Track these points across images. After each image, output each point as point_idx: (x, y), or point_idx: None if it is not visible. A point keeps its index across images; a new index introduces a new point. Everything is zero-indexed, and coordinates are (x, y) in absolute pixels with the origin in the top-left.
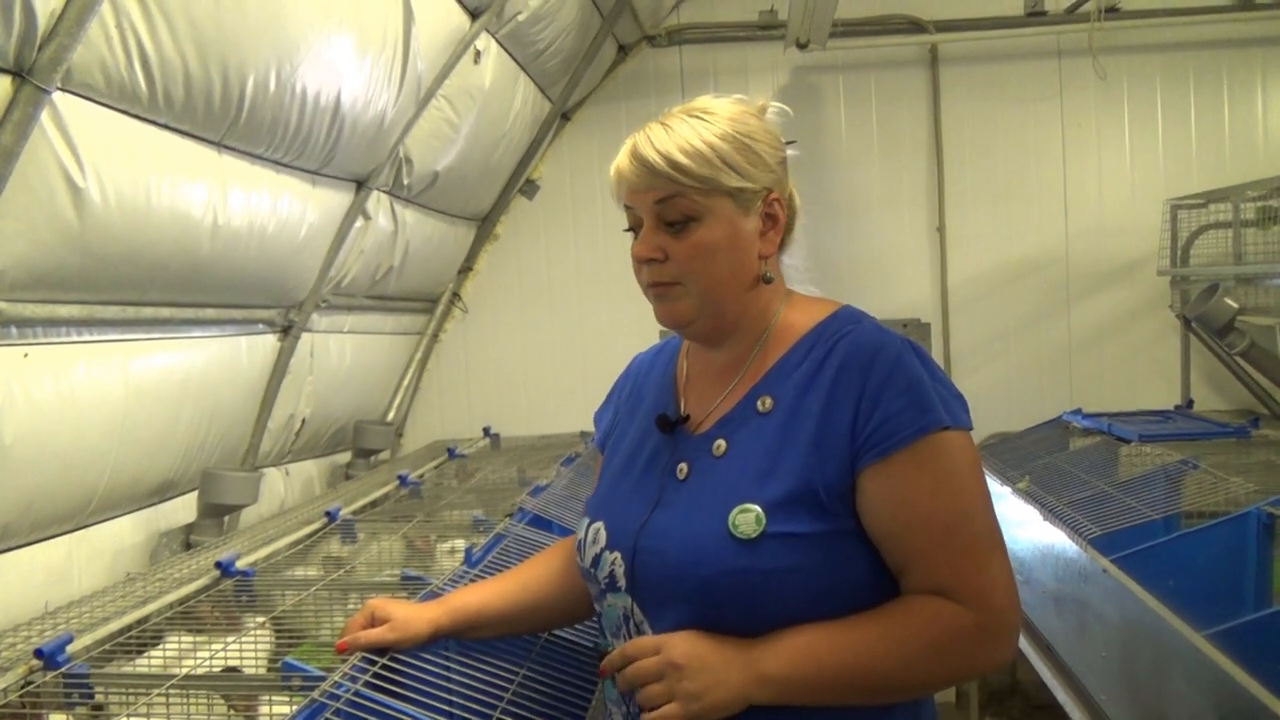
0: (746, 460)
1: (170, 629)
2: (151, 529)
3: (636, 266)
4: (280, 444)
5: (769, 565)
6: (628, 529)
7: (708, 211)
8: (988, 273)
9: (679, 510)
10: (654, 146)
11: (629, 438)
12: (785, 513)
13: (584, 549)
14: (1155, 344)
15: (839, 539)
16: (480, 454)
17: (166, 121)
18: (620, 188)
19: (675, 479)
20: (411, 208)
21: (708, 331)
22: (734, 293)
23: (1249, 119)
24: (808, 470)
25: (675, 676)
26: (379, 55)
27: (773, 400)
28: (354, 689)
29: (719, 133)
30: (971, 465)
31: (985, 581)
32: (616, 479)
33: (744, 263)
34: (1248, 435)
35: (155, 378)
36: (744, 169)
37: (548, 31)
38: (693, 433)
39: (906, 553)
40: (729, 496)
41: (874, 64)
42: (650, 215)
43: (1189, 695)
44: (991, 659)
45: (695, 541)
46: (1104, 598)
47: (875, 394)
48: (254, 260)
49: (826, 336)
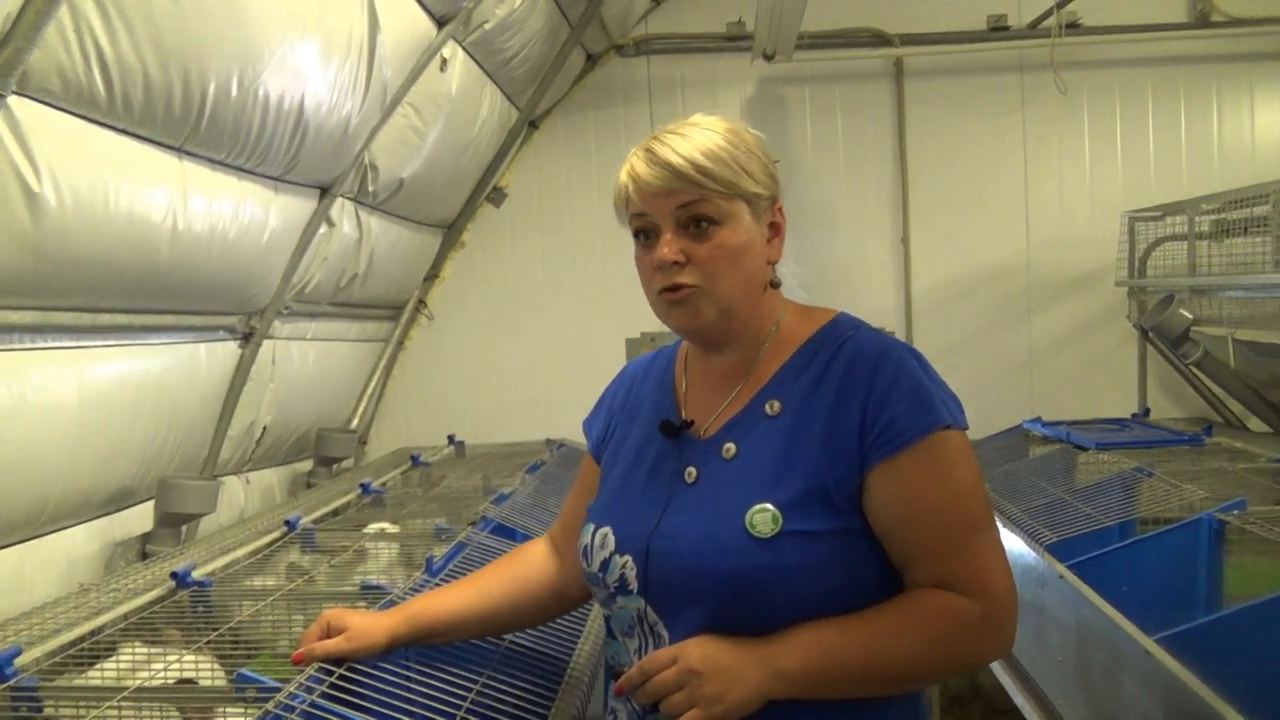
0: (758, 462)
1: (124, 640)
2: (106, 538)
3: (650, 273)
4: (240, 452)
5: (786, 563)
6: (638, 532)
7: (728, 216)
8: (951, 283)
9: (691, 512)
10: (675, 151)
11: (629, 445)
12: (800, 511)
13: (591, 554)
14: (1113, 353)
15: (850, 537)
16: (444, 462)
17: (125, 126)
18: (635, 194)
19: (683, 483)
20: (377, 215)
21: (719, 335)
22: (749, 297)
23: (1205, 134)
24: (819, 470)
25: (695, 682)
26: (344, 62)
27: (780, 404)
28: (310, 700)
29: (732, 141)
30: (971, 462)
31: (988, 574)
32: (620, 485)
33: (758, 267)
34: (1201, 443)
35: (111, 385)
36: (758, 176)
37: (515, 40)
38: (698, 437)
39: (913, 547)
40: (743, 497)
41: (840, 76)
42: (670, 220)
43: (1142, 699)
44: (995, 648)
45: (712, 541)
46: (1061, 603)
47: (882, 396)
48: (214, 266)
49: (829, 342)
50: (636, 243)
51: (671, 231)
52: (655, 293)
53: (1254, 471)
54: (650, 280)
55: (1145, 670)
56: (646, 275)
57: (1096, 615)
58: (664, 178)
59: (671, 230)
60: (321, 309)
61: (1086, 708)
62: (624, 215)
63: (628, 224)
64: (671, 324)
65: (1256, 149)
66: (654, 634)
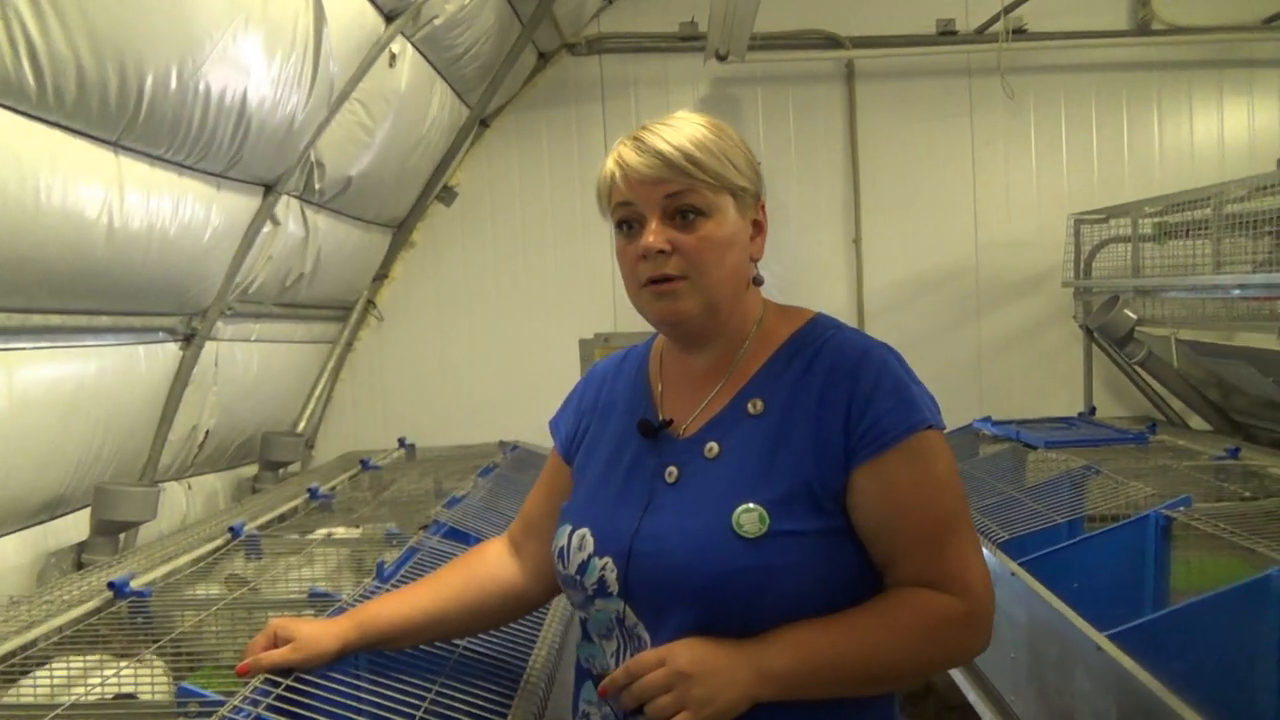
0: (742, 462)
1: (59, 654)
2: (39, 548)
3: (633, 263)
4: (182, 457)
5: (774, 563)
6: (619, 533)
7: (715, 208)
8: (902, 284)
9: (674, 512)
10: (665, 140)
11: (604, 444)
12: (787, 511)
13: (567, 556)
14: (1060, 353)
15: (834, 536)
16: (395, 465)
17: (57, 119)
18: (622, 181)
19: (664, 482)
20: (324, 213)
21: (701, 330)
22: (733, 291)
23: (1146, 138)
24: (804, 470)
25: (684, 685)
26: (288, 55)
27: (763, 403)
28: (255, 713)
29: (719, 134)
30: (951, 461)
31: (969, 572)
32: (597, 485)
33: (742, 263)
34: (1146, 441)
35: (44, 389)
36: (744, 170)
37: (465, 36)
38: (678, 436)
39: (896, 546)
40: (728, 497)
41: (792, 77)
42: (657, 209)
43: (1093, 694)
44: (977, 645)
45: (697, 542)
46: (1013, 600)
47: (866, 395)
48: (153, 266)
49: (810, 341)
50: (619, 234)
51: (658, 221)
52: (639, 284)
53: (1197, 469)
54: (633, 271)
55: (1096, 665)
56: (630, 266)
57: (1048, 612)
58: (653, 166)
59: (658, 220)
60: (266, 310)
61: (1038, 703)
62: (607, 206)
63: (610, 215)
64: (654, 316)
65: (1195, 154)
66: (634, 636)
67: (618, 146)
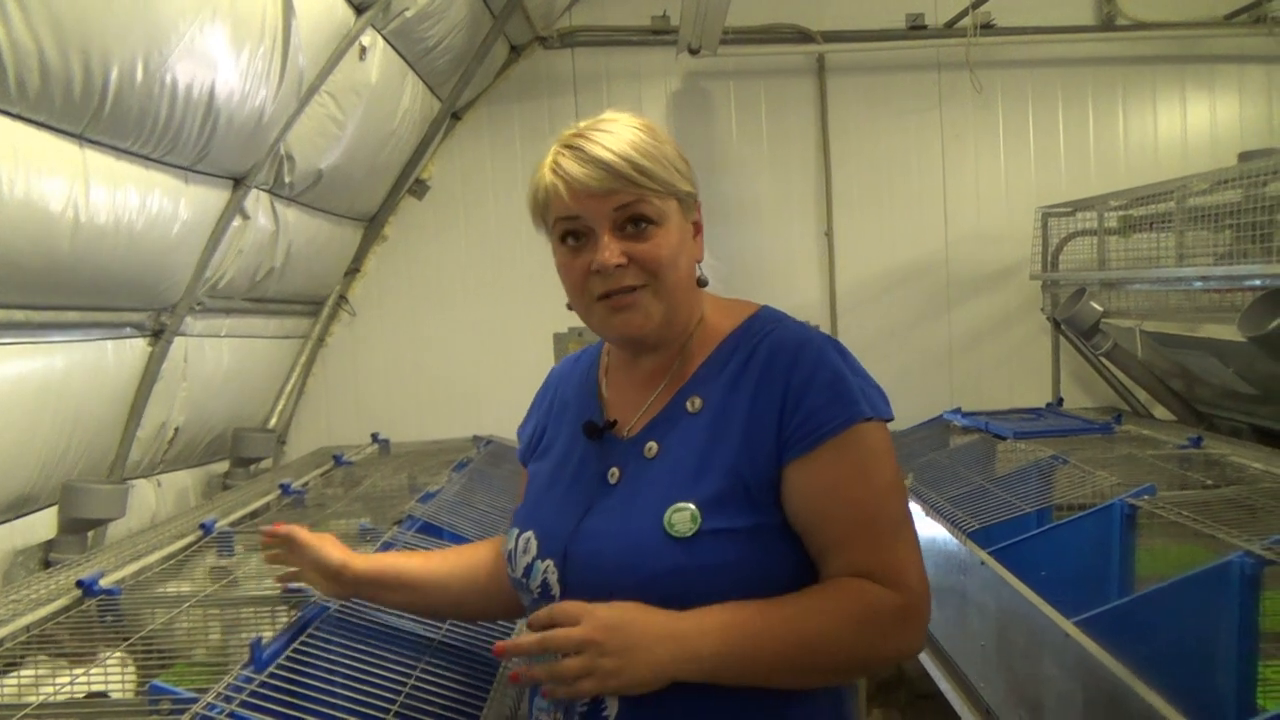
0: (678, 460)
1: (27, 654)
2: (5, 546)
3: (582, 278)
4: (151, 454)
5: (706, 562)
6: (559, 536)
7: (664, 215)
8: (873, 277)
9: (612, 514)
10: (608, 149)
11: (556, 448)
12: (719, 509)
13: (515, 559)
14: (1028, 345)
15: (769, 532)
16: (368, 461)
17: (19, 111)
18: (567, 194)
19: (606, 484)
20: (294, 207)
21: (659, 339)
22: (686, 296)
23: (1111, 133)
24: (738, 465)
25: (594, 650)
26: (256, 47)
27: (701, 400)
28: (228, 710)
29: (657, 137)
30: (888, 454)
31: (904, 564)
32: (545, 489)
33: (691, 266)
34: (1111, 431)
35: (8, 385)
36: (686, 174)
37: (437, 29)
38: (622, 437)
39: (829, 538)
40: (663, 497)
41: (764, 71)
42: (606, 221)
43: (1059, 679)
44: (909, 641)
45: (631, 543)
46: (982, 588)
47: (800, 389)
48: (120, 260)
49: (750, 336)
50: (561, 247)
51: (609, 234)
52: (592, 299)
53: (1161, 458)
54: (583, 286)
55: (1064, 652)
56: (577, 281)
57: (1017, 599)
58: (600, 178)
59: (609, 233)
60: (236, 304)
61: (1007, 689)
62: (544, 217)
63: (546, 227)
64: (613, 333)
65: (1159, 148)
66: None
67: (553, 156)
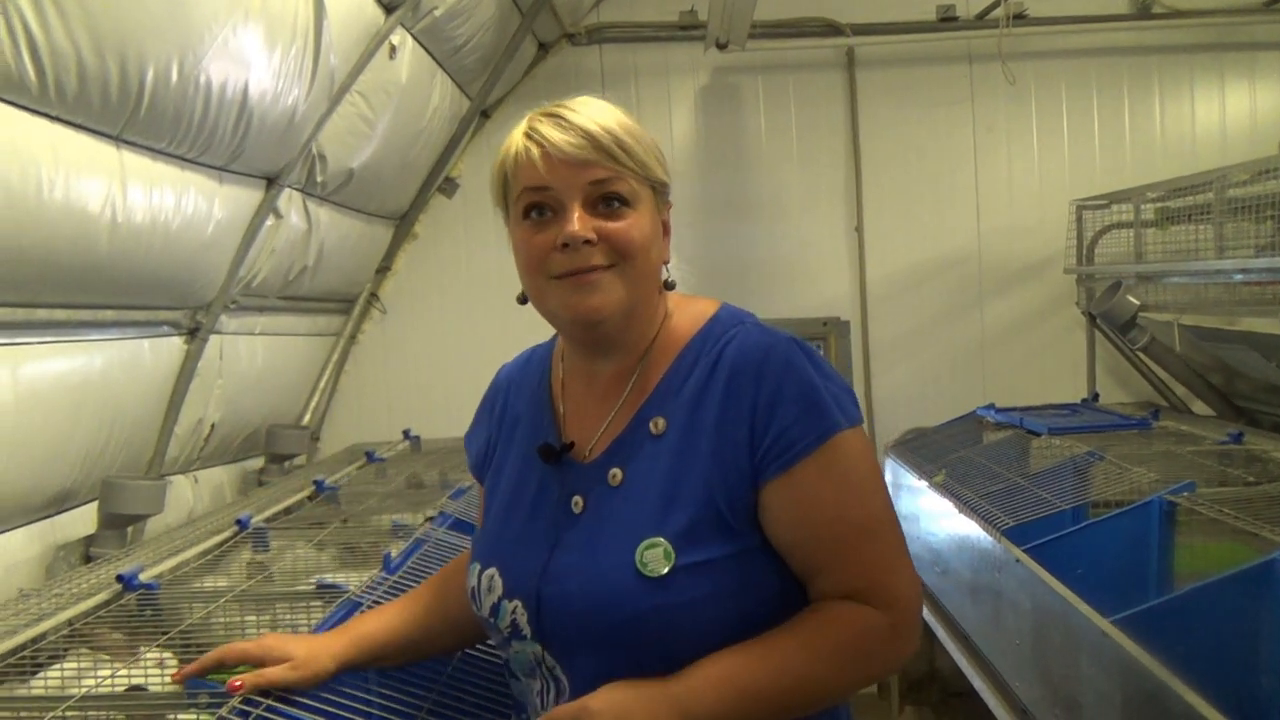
0: (646, 489)
1: (70, 647)
2: (48, 542)
3: (543, 254)
4: (188, 450)
5: (684, 599)
6: (526, 574)
7: (639, 199)
8: (904, 271)
9: (580, 550)
10: (593, 119)
11: (510, 467)
12: (693, 540)
13: (479, 598)
14: (1063, 340)
15: (748, 557)
16: (400, 457)
17: (59, 114)
18: (540, 161)
19: (570, 513)
20: (326, 206)
21: (614, 331)
22: (649, 291)
23: (1147, 123)
24: (709, 491)
25: None
26: (289, 48)
27: (665, 421)
28: (265, 704)
29: (637, 124)
30: (870, 464)
31: (895, 580)
32: (504, 517)
33: (658, 263)
34: (1149, 427)
35: (49, 383)
36: (663, 164)
37: (465, 27)
38: (582, 461)
39: (815, 559)
40: (632, 531)
41: (792, 66)
42: (579, 194)
43: (1096, 679)
44: (902, 656)
45: (603, 584)
46: (1017, 587)
47: (770, 404)
48: (156, 259)
49: (711, 342)
50: (524, 221)
51: (580, 208)
52: (549, 276)
53: (1200, 454)
54: (543, 262)
55: (1102, 651)
56: (538, 256)
57: (1053, 598)
58: (581, 146)
59: (580, 207)
60: (270, 303)
61: (1042, 688)
62: (508, 187)
63: (507, 201)
64: (572, 314)
65: (1197, 138)
66: (554, 677)
67: (530, 120)
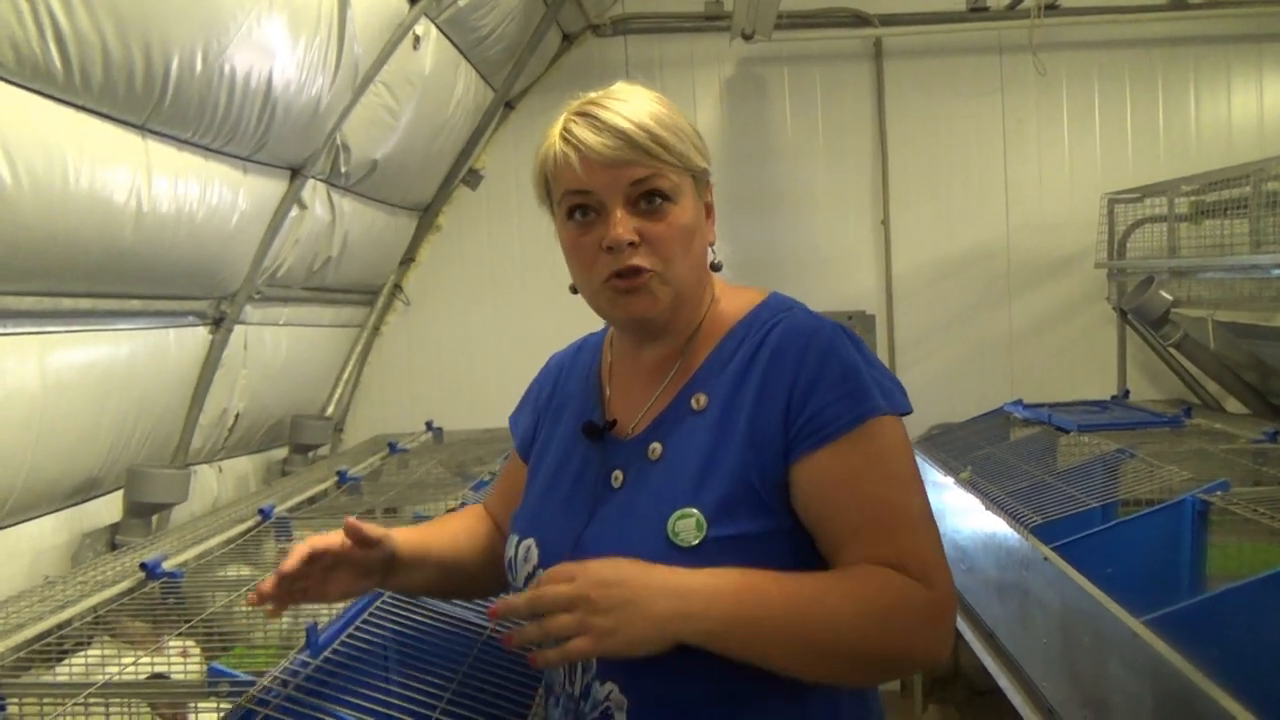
0: (683, 462)
1: (94, 634)
2: (74, 529)
3: (592, 256)
4: (213, 440)
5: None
6: (562, 545)
7: (680, 192)
8: (931, 265)
9: (614, 522)
10: (625, 117)
11: (554, 447)
12: (726, 514)
13: (515, 568)
14: (1093, 335)
15: (780, 539)
16: (423, 448)
17: (84, 103)
18: (579, 165)
19: (610, 488)
20: (350, 197)
21: (667, 324)
22: (698, 279)
23: (1182, 115)
24: (745, 467)
25: (587, 608)
26: (313, 38)
27: (706, 397)
28: (285, 693)
29: (672, 110)
30: (904, 448)
31: (929, 559)
32: (545, 492)
33: (704, 248)
34: (1181, 424)
35: (76, 372)
36: (702, 149)
37: (489, 18)
38: (624, 438)
39: (844, 529)
40: (666, 502)
41: (819, 56)
42: (620, 196)
43: (1126, 680)
44: (935, 641)
45: (634, 554)
46: (1044, 585)
47: (808, 385)
48: (182, 249)
49: (758, 326)
50: (569, 223)
51: (622, 209)
52: (601, 280)
53: (1234, 452)
54: (592, 264)
55: (1132, 652)
56: (586, 259)
57: (1082, 597)
58: (617, 148)
59: (621, 208)
60: (294, 294)
61: (1070, 688)
62: (550, 190)
63: (552, 201)
64: (620, 315)
65: (1233, 130)
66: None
67: (564, 122)
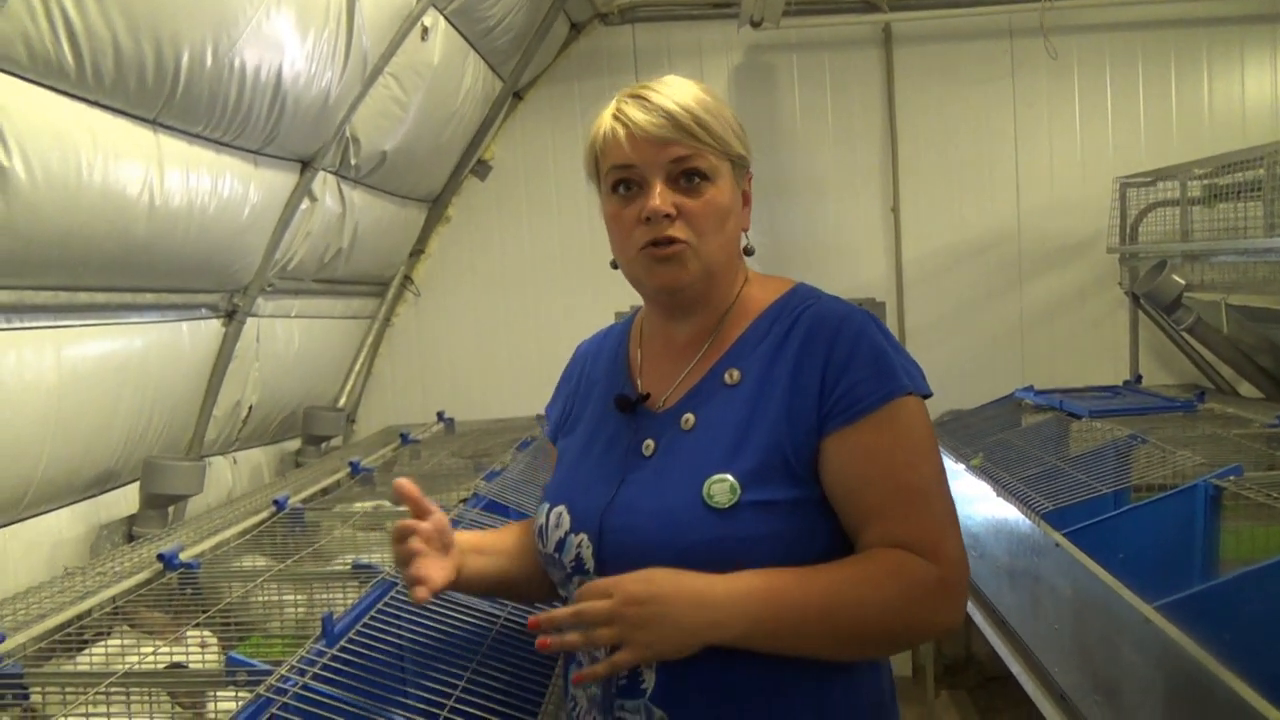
0: (717, 432)
1: (114, 625)
2: (91, 521)
3: (631, 226)
4: (227, 431)
5: (745, 533)
6: (593, 509)
7: (718, 174)
8: (941, 252)
9: (647, 485)
10: (673, 100)
11: (585, 423)
12: (759, 481)
13: (546, 535)
14: (1104, 320)
15: (809, 508)
16: (434, 439)
17: (96, 98)
18: (626, 141)
19: (641, 456)
20: (360, 189)
21: (697, 298)
22: (729, 259)
23: (1195, 98)
24: (778, 438)
25: (625, 624)
26: (321, 30)
27: (740, 373)
28: (301, 682)
29: (717, 100)
30: (927, 429)
31: (943, 536)
32: (576, 463)
33: (737, 231)
34: (1194, 409)
35: (91, 365)
36: (743, 138)
37: (497, 8)
38: (656, 410)
39: (866, 506)
40: (701, 468)
41: (828, 43)
42: (661, 172)
43: (1139, 665)
44: (948, 617)
45: (669, 514)
46: (1056, 571)
47: (842, 362)
48: (194, 243)
49: (789, 310)
50: (613, 196)
51: (662, 184)
52: (637, 247)
53: (1247, 437)
54: (630, 234)
55: (1144, 637)
56: (626, 229)
57: (1094, 583)
58: (662, 126)
59: (662, 183)
60: (306, 286)
61: (1082, 674)
62: (599, 165)
63: (599, 176)
64: (653, 282)
65: (1247, 113)
66: None
67: (617, 103)
